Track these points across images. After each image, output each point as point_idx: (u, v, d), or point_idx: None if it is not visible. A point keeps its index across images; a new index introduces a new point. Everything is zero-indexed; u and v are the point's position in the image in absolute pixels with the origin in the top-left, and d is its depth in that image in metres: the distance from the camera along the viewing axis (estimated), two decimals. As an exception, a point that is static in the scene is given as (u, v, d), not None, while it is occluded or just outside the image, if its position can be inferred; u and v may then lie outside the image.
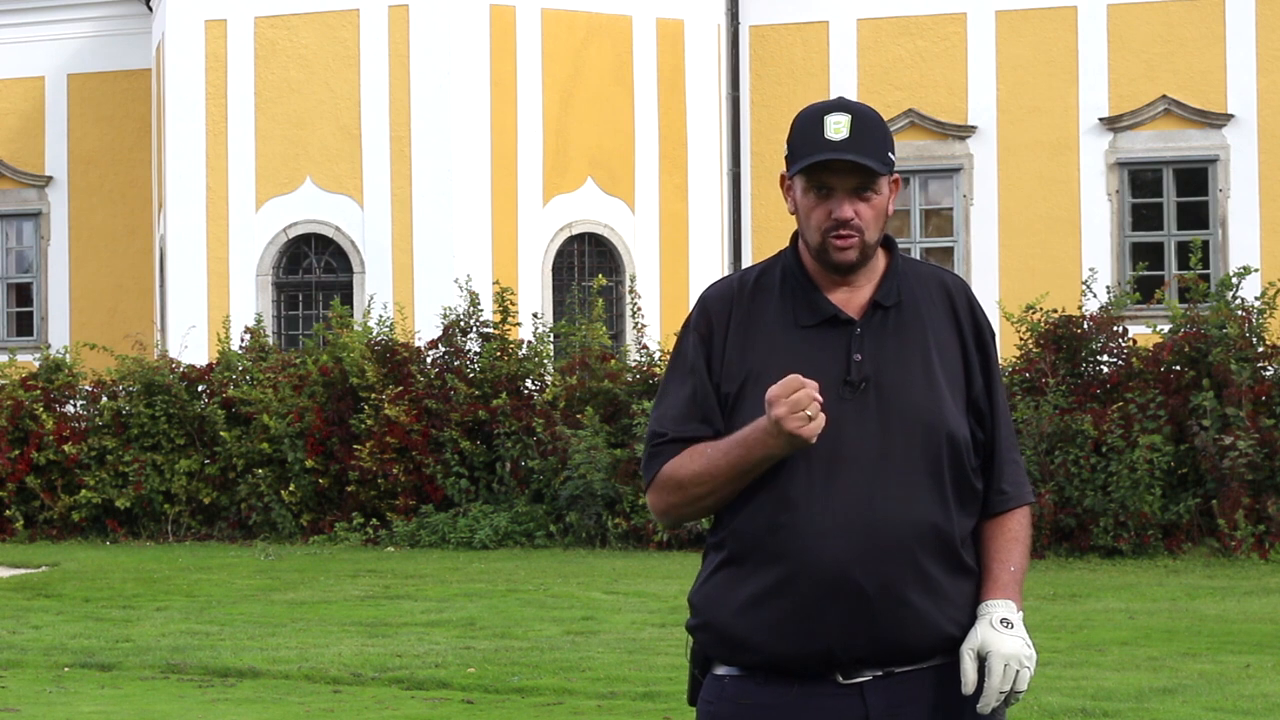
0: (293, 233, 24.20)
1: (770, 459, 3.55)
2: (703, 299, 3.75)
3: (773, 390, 3.49)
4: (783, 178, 3.69)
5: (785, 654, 3.59)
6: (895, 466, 3.58)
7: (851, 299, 3.66)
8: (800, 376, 3.49)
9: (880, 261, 3.70)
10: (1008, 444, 3.71)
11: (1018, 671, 3.54)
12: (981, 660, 3.57)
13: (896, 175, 3.68)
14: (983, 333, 3.72)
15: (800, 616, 3.56)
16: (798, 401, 3.46)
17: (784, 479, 3.57)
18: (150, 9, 26.52)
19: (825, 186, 3.60)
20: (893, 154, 3.63)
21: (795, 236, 3.73)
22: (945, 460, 3.61)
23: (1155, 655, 11.18)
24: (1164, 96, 23.99)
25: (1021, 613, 3.63)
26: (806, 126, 3.61)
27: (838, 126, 3.58)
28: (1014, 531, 3.69)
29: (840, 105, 3.62)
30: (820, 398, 3.49)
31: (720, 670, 3.68)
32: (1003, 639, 3.56)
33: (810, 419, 3.48)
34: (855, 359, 3.61)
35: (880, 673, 3.59)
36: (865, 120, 3.60)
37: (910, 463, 3.58)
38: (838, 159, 3.56)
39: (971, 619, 3.62)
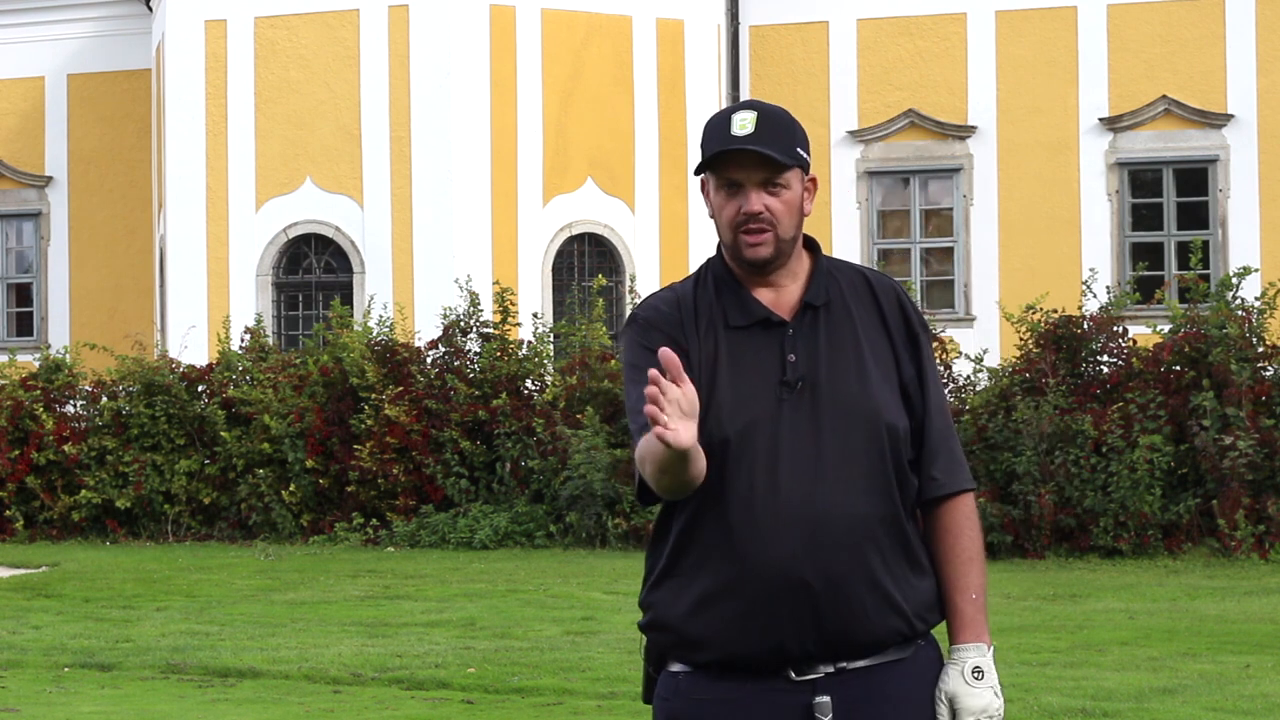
0: (293, 233, 24.20)
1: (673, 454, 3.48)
2: (646, 318, 3.71)
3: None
4: (704, 184, 3.72)
5: (737, 652, 3.63)
6: (836, 462, 3.61)
7: (780, 300, 3.70)
8: (650, 396, 3.40)
9: (805, 263, 3.74)
10: (941, 434, 3.73)
11: None
12: (953, 707, 3.65)
13: (814, 175, 3.70)
14: (912, 325, 3.74)
15: (750, 615, 3.60)
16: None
17: (727, 481, 3.60)
18: (150, 9, 26.52)
19: (734, 182, 3.64)
20: (804, 151, 3.66)
21: (720, 245, 3.77)
22: (887, 452, 3.64)
23: (1155, 655, 11.18)
24: (1164, 96, 23.99)
25: (992, 648, 3.68)
26: (715, 125, 3.66)
27: (743, 123, 3.62)
28: (968, 551, 3.71)
29: (748, 105, 3.68)
30: (669, 406, 3.39)
31: (675, 667, 3.71)
32: (974, 694, 3.63)
33: (666, 428, 3.38)
34: (790, 359, 3.65)
35: (832, 669, 3.62)
36: (772, 117, 3.65)
37: (851, 457, 3.62)
38: (741, 150, 3.60)
39: (922, 614, 3.66)
